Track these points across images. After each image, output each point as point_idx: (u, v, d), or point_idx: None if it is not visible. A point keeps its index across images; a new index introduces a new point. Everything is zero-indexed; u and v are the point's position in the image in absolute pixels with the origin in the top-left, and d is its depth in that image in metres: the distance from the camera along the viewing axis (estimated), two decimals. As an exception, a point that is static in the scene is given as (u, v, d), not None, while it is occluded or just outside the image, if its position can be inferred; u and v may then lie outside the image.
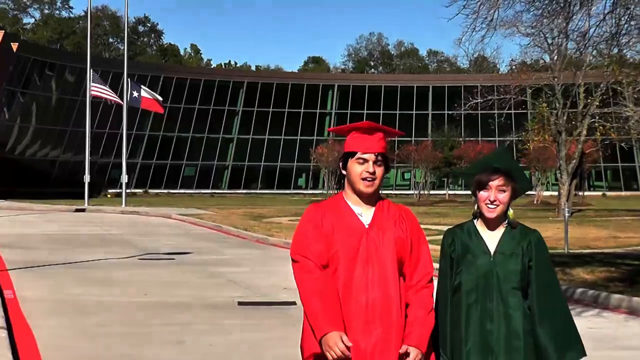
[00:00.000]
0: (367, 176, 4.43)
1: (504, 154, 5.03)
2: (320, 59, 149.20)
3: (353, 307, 4.33)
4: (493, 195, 4.57)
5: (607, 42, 15.84)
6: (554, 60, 41.63)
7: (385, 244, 4.42)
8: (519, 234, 4.65)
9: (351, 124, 4.65)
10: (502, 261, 4.57)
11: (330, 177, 72.43)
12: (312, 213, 4.53)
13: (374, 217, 4.49)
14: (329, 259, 4.40)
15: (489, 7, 14.61)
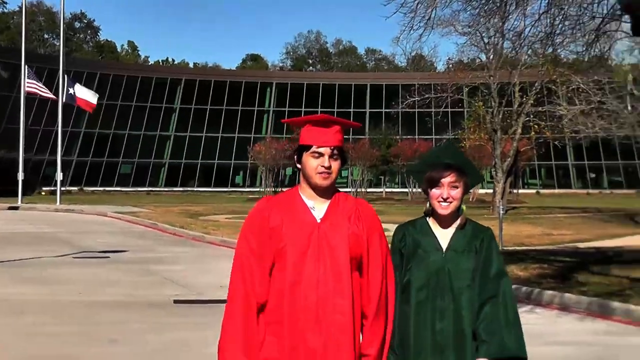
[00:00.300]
0: (323, 170, 4.25)
1: (453, 148, 4.82)
2: (258, 57, 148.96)
3: (302, 305, 4.12)
4: (446, 192, 4.45)
5: (541, 42, 16.04)
6: (490, 59, 42.11)
7: (338, 240, 4.21)
8: (472, 231, 4.54)
9: (306, 116, 4.45)
10: (454, 258, 4.44)
11: (267, 175, 72.30)
12: (257, 210, 4.35)
13: (327, 212, 4.29)
14: (276, 255, 4.19)
15: (427, 6, 14.70)
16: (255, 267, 4.22)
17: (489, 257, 4.45)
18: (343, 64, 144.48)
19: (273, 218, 4.24)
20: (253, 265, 4.23)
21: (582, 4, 14.60)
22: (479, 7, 15.09)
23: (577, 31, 15.05)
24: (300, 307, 4.11)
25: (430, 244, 4.49)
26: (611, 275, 15.46)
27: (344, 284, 4.14)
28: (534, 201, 64.12)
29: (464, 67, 48.62)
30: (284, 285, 4.14)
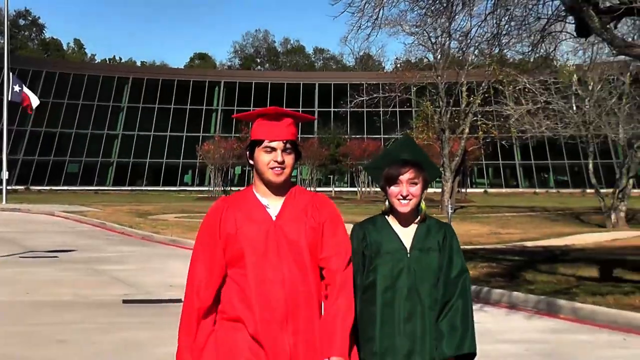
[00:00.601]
0: (276, 165, 4.08)
1: (411, 143, 4.60)
2: (206, 56, 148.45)
3: (271, 302, 3.98)
4: (405, 189, 4.27)
5: (488, 42, 16.18)
6: (437, 59, 42.42)
7: (297, 235, 4.07)
8: (434, 228, 4.39)
9: (257, 109, 4.28)
10: (418, 257, 4.29)
11: (216, 174, 72.01)
12: (212, 212, 4.20)
13: (282, 208, 4.14)
14: (233, 257, 4.05)
15: (374, 6, 14.77)
16: (208, 272, 4.13)
17: (452, 255, 4.35)
18: (291, 63, 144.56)
19: (228, 220, 4.11)
20: (205, 271, 4.14)
21: (528, 5, 14.78)
22: (425, 7, 15.22)
23: (522, 32, 15.23)
24: (268, 306, 3.98)
25: (394, 243, 4.33)
26: (558, 274, 15.67)
27: (308, 279, 4.05)
28: (482, 200, 64.70)
29: (411, 66, 48.92)
30: (249, 287, 4.01)
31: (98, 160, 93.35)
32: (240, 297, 4.04)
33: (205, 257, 4.15)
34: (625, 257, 18.79)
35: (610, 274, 15.74)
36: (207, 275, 4.12)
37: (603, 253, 20.07)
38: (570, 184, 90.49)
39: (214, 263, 4.12)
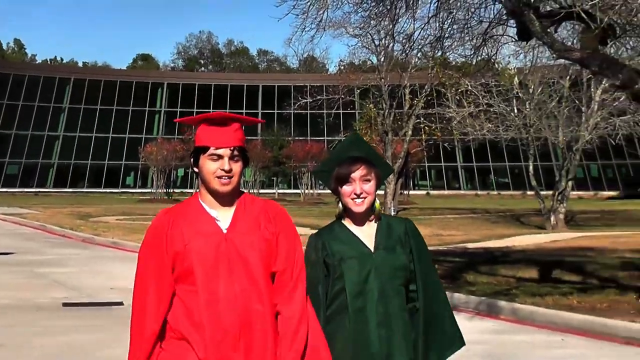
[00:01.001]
0: (222, 174, 3.78)
1: (359, 140, 4.40)
2: (149, 57, 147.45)
3: (220, 327, 3.67)
4: (358, 187, 4.07)
5: (431, 45, 16.27)
6: (380, 61, 42.52)
7: (250, 249, 3.78)
8: (394, 225, 4.22)
9: (202, 114, 3.96)
10: (384, 257, 4.09)
11: (159, 176, 71.54)
12: (156, 226, 3.87)
13: (233, 219, 3.84)
14: (182, 274, 3.73)
15: (318, 8, 14.77)
16: (158, 294, 3.80)
17: (420, 252, 4.21)
18: (235, 64, 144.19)
19: (174, 235, 3.78)
20: (155, 293, 3.80)
21: (470, 8, 14.90)
22: (369, 9, 15.26)
23: (465, 35, 15.34)
24: (219, 327, 3.68)
25: (356, 247, 4.12)
26: (498, 275, 15.83)
27: (263, 296, 3.76)
28: (424, 202, 65.17)
29: (355, 69, 49.03)
30: (199, 306, 3.70)
31: (38, 161, 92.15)
32: (188, 317, 3.74)
33: (153, 278, 3.80)
34: (563, 258, 19.05)
35: (550, 275, 15.95)
36: (157, 298, 3.79)
37: (542, 254, 20.33)
38: (511, 186, 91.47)
39: (163, 284, 3.79)
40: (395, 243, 4.16)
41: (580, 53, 12.83)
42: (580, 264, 17.77)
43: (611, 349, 10.09)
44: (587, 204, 57.44)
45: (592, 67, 12.81)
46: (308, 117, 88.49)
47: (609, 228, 32.16)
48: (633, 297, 12.73)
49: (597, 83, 30.92)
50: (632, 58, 20.63)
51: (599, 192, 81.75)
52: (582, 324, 11.08)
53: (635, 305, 12.20)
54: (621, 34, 14.27)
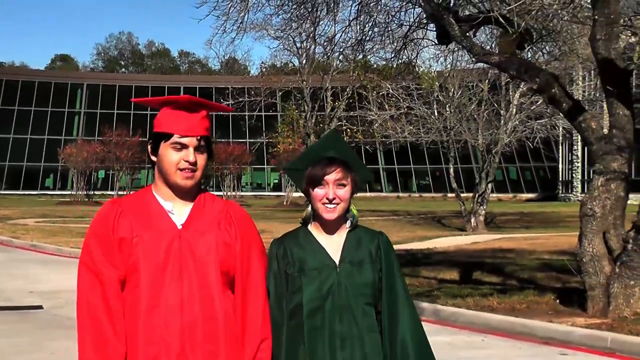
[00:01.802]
0: (186, 166, 3.35)
1: (337, 139, 3.93)
2: (68, 57, 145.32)
3: (163, 334, 3.24)
4: (331, 191, 3.63)
5: (352, 48, 16.35)
6: (302, 63, 42.57)
7: (205, 250, 3.36)
8: (365, 238, 3.79)
9: (167, 96, 3.52)
10: (350, 272, 3.65)
11: (79, 178, 70.49)
12: (101, 216, 3.42)
13: (190, 216, 3.42)
14: (126, 271, 3.30)
15: (240, 10, 14.73)
16: (102, 286, 3.31)
17: (391, 272, 3.74)
18: (156, 66, 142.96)
19: (121, 226, 3.34)
20: (99, 285, 3.32)
21: (390, 12, 15.01)
22: (290, 11, 15.26)
23: (385, 38, 15.45)
24: (160, 336, 3.25)
25: (319, 258, 3.68)
26: (420, 277, 15.94)
27: (215, 306, 3.35)
28: (346, 204, 65.29)
29: (277, 71, 49.04)
30: (138, 310, 3.27)
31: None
32: (125, 323, 3.30)
33: (100, 270, 3.32)
34: (484, 259, 19.27)
35: (470, 276, 16.10)
36: (113, 288, 3.32)
37: (463, 256, 20.53)
38: (432, 188, 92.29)
39: (114, 274, 3.32)
40: (362, 257, 3.70)
41: (498, 57, 13.00)
42: (500, 265, 18.00)
43: (530, 349, 10.23)
44: (506, 206, 58.33)
45: (510, 71, 13.00)
46: (230, 119, 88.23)
47: (527, 230, 32.68)
48: (551, 298, 12.92)
49: (515, 87, 31.41)
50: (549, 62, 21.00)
51: (518, 194, 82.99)
52: (502, 324, 11.21)
53: (553, 306, 12.39)
54: (538, 39, 14.51)
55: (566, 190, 70.34)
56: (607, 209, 11.46)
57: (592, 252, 11.45)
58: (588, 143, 12.04)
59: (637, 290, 11.03)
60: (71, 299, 13.65)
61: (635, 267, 10.90)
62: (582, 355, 9.88)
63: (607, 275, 11.32)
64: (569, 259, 15.04)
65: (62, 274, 17.03)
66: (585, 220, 11.58)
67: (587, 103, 27.89)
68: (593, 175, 11.88)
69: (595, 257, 11.42)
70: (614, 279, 11.18)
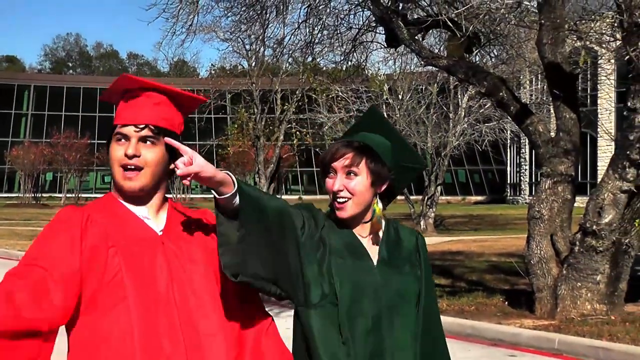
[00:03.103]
0: (126, 162, 2.72)
1: (374, 116, 3.20)
2: (14, 58, 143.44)
3: (170, 355, 2.65)
4: (338, 182, 2.92)
5: (301, 50, 16.35)
6: (252, 66, 42.47)
7: (195, 259, 2.79)
8: (404, 237, 3.09)
9: (119, 79, 2.99)
10: (389, 276, 2.96)
11: (26, 180, 69.65)
12: (63, 219, 2.70)
13: (168, 221, 2.84)
14: (103, 290, 2.62)
15: (189, 12, 14.65)
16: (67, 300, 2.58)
17: (429, 280, 3.12)
18: (104, 67, 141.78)
19: (90, 232, 2.66)
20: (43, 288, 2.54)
21: (339, 14, 15.02)
22: (239, 14, 15.22)
23: (335, 41, 15.46)
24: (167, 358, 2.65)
25: (354, 252, 2.96)
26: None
27: (212, 320, 2.77)
28: (296, 206, 65.31)
29: (226, 73, 48.87)
30: (130, 338, 2.61)
31: None
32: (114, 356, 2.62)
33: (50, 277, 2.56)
34: (433, 262, 19.25)
35: (419, 278, 16.15)
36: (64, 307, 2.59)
37: (412, 258, 20.59)
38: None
39: (72, 289, 2.60)
40: (404, 261, 3.03)
41: (447, 60, 13.06)
42: (448, 267, 18.11)
43: (479, 350, 10.28)
44: (455, 209, 58.73)
45: (459, 75, 13.07)
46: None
47: (476, 232, 32.95)
48: (499, 300, 13.01)
49: (464, 90, 31.63)
50: (497, 66, 21.18)
51: (467, 197, 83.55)
52: (451, 326, 11.23)
53: (502, 308, 12.48)
54: (486, 43, 14.63)
55: (514, 193, 70.99)
56: (554, 212, 11.56)
57: (540, 254, 11.56)
58: (535, 146, 12.15)
59: (584, 292, 11.14)
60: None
61: (582, 269, 11.01)
62: (530, 356, 9.96)
63: (555, 277, 11.43)
64: (517, 261, 15.18)
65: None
66: (533, 223, 11.68)
67: (534, 106, 28.16)
68: (540, 178, 11.98)
69: (543, 259, 11.52)
70: (561, 280, 11.29)
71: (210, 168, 2.62)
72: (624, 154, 10.59)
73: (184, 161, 2.59)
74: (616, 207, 10.73)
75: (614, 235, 10.77)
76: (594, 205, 10.89)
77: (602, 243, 10.80)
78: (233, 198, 2.69)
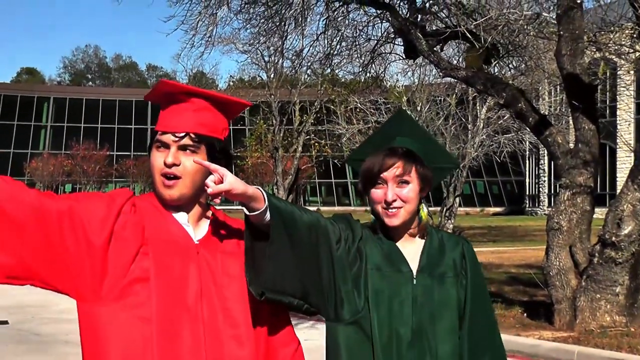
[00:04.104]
0: (165, 171, 2.65)
1: (403, 119, 3.10)
2: (34, 70, 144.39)
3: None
4: (390, 192, 2.86)
5: (320, 62, 16.38)
6: (270, 77, 42.56)
7: (231, 273, 2.67)
8: (448, 244, 3.01)
9: (160, 84, 2.84)
10: (429, 287, 2.89)
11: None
12: (113, 195, 2.67)
13: (209, 232, 2.74)
14: (127, 286, 2.53)
15: (208, 24, 14.71)
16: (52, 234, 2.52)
17: (479, 289, 3.01)
18: (124, 79, 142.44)
19: (130, 221, 2.61)
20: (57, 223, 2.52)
21: (358, 26, 15.06)
22: (258, 25, 15.27)
23: (353, 52, 15.50)
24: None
25: (393, 262, 2.90)
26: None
27: (244, 343, 2.65)
28: (314, 218, 65.36)
29: (245, 85, 48.99)
30: (148, 342, 2.50)
31: None
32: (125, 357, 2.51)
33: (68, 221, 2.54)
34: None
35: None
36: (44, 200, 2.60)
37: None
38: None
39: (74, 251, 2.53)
40: (447, 269, 2.94)
41: (465, 72, 13.07)
42: (466, 279, 18.04)
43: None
44: (473, 220, 58.59)
45: (477, 86, 13.07)
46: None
47: (495, 243, 32.86)
48: (518, 311, 12.97)
49: (482, 101, 31.57)
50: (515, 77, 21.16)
51: (485, 208, 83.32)
52: (469, 338, 11.23)
53: (520, 319, 12.45)
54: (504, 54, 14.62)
55: (533, 204, 70.74)
56: (573, 223, 11.53)
57: (559, 266, 11.52)
58: (554, 157, 12.13)
59: (603, 304, 11.09)
60: (37, 314, 13.52)
61: (601, 281, 10.97)
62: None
63: (574, 288, 11.39)
64: (535, 273, 15.13)
65: (26, 287, 16.84)
66: (552, 234, 11.65)
67: (553, 118, 28.08)
68: (559, 190, 11.96)
69: (562, 270, 11.48)
70: (580, 292, 11.24)
71: (240, 184, 2.57)
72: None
73: (214, 179, 2.54)
74: (635, 219, 10.69)
75: (634, 247, 10.73)
76: (613, 216, 10.85)
77: (622, 254, 10.76)
78: (264, 214, 2.64)
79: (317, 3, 14.85)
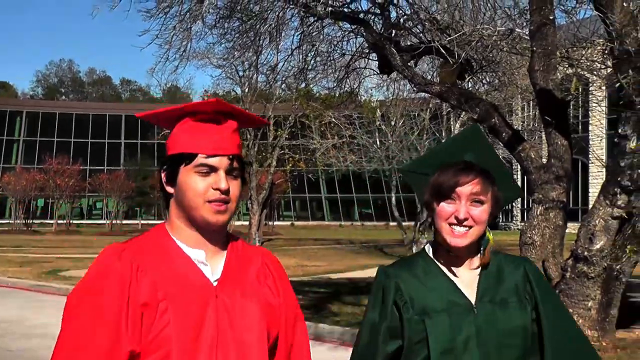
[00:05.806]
0: (217, 197, 2.44)
1: (478, 137, 2.89)
2: (7, 84, 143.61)
3: None
4: (463, 209, 2.67)
5: (295, 77, 16.39)
6: (245, 92, 42.58)
7: (247, 316, 2.49)
8: (507, 268, 2.82)
9: (185, 104, 2.64)
10: (492, 315, 2.70)
11: (18, 207, 69.50)
12: (111, 272, 2.38)
13: (226, 268, 2.53)
14: (147, 349, 2.34)
15: (182, 39, 14.69)
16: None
17: (555, 308, 2.80)
18: (97, 93, 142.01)
19: (142, 286, 2.37)
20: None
21: (332, 41, 15.10)
22: (233, 40, 15.27)
23: (328, 67, 15.53)
24: None
25: (450, 296, 2.73)
26: (362, 305, 15.92)
27: None
28: (289, 233, 65.30)
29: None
30: None
31: None
32: None
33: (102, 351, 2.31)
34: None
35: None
36: None
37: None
38: (374, 217, 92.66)
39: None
40: (509, 294, 2.75)
41: (439, 87, 13.13)
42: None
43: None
44: (447, 234, 58.61)
45: (451, 101, 13.14)
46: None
47: (468, 258, 32.89)
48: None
49: (456, 116, 31.71)
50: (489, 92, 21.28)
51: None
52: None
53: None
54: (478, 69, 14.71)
55: (506, 219, 71.04)
56: (546, 238, 11.59)
57: (532, 280, 11.56)
58: (527, 172, 12.19)
59: (575, 318, 11.15)
60: (9, 329, 13.40)
61: (574, 295, 11.03)
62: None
63: (547, 303, 11.43)
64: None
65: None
66: (525, 249, 11.70)
67: (526, 133, 28.26)
68: (532, 205, 12.01)
69: (535, 285, 11.52)
70: (553, 306, 11.28)
71: None
72: (615, 180, 10.63)
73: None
74: (607, 234, 10.76)
75: (605, 262, 10.80)
76: (585, 231, 10.92)
77: (594, 269, 10.82)
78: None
79: (291, 18, 14.88)
